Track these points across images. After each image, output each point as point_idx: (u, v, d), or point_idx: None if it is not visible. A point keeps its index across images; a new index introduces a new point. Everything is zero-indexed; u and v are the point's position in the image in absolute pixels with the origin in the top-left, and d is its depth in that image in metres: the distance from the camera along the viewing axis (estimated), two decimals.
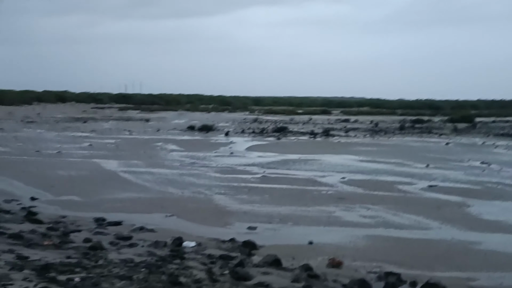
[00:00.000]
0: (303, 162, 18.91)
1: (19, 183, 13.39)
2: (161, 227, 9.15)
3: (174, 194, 12.39)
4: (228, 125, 40.97)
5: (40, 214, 9.83)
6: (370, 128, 40.56)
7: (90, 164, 17.08)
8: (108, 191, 12.57)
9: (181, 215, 10.21)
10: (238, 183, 14.08)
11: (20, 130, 31.02)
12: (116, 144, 23.94)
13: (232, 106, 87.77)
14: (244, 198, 12.06)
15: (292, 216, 10.32)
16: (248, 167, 17.32)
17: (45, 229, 8.63)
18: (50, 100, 77.18)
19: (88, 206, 10.89)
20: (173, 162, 18.13)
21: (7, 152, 19.80)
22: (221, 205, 11.28)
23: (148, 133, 31.27)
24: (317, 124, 43.88)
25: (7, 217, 9.34)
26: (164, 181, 14.11)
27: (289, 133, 33.40)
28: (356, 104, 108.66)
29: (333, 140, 29.26)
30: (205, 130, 33.43)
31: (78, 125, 37.10)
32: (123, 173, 15.43)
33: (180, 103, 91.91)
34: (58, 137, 27.24)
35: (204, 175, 15.41)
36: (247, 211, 10.71)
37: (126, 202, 11.39)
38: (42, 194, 11.90)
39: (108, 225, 9.21)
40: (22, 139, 25.08)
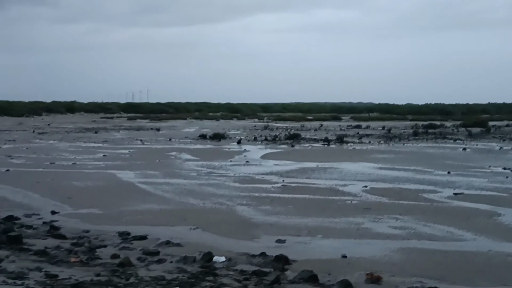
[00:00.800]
0: (321, 170, 18.59)
1: (36, 195, 13.17)
2: (187, 241, 8.87)
3: (195, 206, 12.11)
4: (239, 133, 40.75)
5: (62, 228, 9.59)
6: (383, 134, 40.20)
7: (106, 175, 16.85)
8: (128, 203, 12.31)
9: (205, 227, 9.92)
10: (259, 193, 13.78)
11: (32, 141, 30.90)
12: (130, 154, 23.73)
13: (240, 113, 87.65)
14: (267, 209, 11.76)
15: (320, 228, 10.00)
16: (266, 176, 17.03)
17: (69, 245, 8.39)
18: (59, 110, 77.36)
19: (109, 219, 10.63)
20: (189, 172, 17.86)
21: (21, 164, 19.62)
22: (245, 216, 10.98)
23: (160, 142, 31.07)
24: (329, 131, 43.58)
25: (30, 233, 9.11)
26: (184, 192, 13.84)
27: (302, 140, 33.10)
28: (365, 110, 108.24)
29: (347, 147, 28.92)
30: (217, 138, 33.19)
31: (89, 135, 36.98)
32: (141, 184, 15.18)
33: (188, 111, 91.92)
34: (71, 147, 27.08)
35: (223, 184, 15.13)
36: (273, 223, 10.40)
37: (148, 214, 11.12)
38: (61, 207, 11.66)
39: (133, 239, 8.94)
40: (35, 150, 24.92)
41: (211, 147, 28.46)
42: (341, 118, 75.20)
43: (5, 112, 65.58)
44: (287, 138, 33.78)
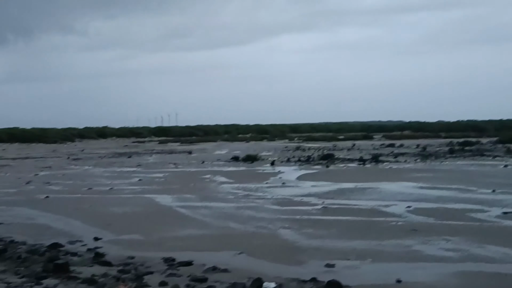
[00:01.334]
0: (360, 191, 18.22)
1: (77, 222, 13.15)
2: (233, 267, 8.65)
3: (236, 230, 11.91)
4: (271, 154, 40.53)
5: (107, 255, 9.48)
6: (418, 152, 39.47)
7: (144, 200, 16.80)
8: (168, 228, 12.17)
9: (250, 252, 9.69)
10: (300, 215, 13.51)
11: (67, 168, 31.26)
12: (164, 178, 23.73)
13: (270, 134, 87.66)
14: (311, 232, 11.48)
15: (369, 251, 9.68)
16: (304, 198, 16.75)
17: (116, 272, 8.25)
18: (91, 136, 78.61)
19: (152, 245, 10.49)
20: (226, 195, 17.70)
21: (60, 191, 19.76)
22: (289, 240, 10.73)
23: (193, 166, 31.07)
24: (362, 150, 43.04)
25: (75, 260, 9.02)
26: (223, 216, 13.66)
27: (336, 160, 32.71)
28: (396, 128, 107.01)
29: (383, 166, 28.42)
30: (249, 160, 33.04)
31: (123, 160, 37.27)
32: (179, 208, 15.07)
33: (218, 133, 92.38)
34: (106, 173, 27.26)
35: (261, 207, 14.91)
36: (319, 246, 10.12)
37: (190, 239, 10.96)
38: (102, 233, 11.58)
39: (179, 265, 8.76)
40: (71, 177, 25.15)
41: (244, 169, 28.30)
42: (372, 137, 74.39)
43: (39, 139, 66.92)
44: (320, 158, 33.43)
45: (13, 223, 13.04)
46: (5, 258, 9.07)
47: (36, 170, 29.22)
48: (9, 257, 9.19)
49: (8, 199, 17.51)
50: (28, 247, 10.13)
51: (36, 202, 16.78)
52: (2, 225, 12.82)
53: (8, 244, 10.45)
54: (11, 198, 17.87)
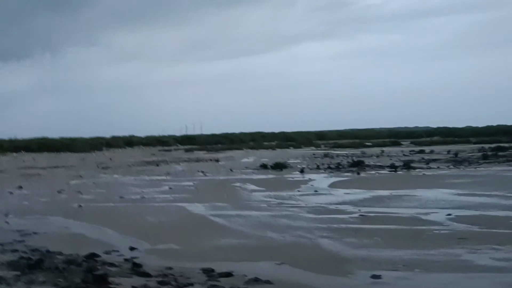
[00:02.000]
0: (397, 198, 17.74)
1: (111, 231, 12.98)
2: (276, 278, 8.31)
3: (275, 239, 11.58)
4: (299, 162, 40.15)
5: (144, 265, 9.24)
6: (450, 158, 38.68)
7: (176, 209, 16.59)
8: (204, 237, 11.90)
9: (292, 263, 9.35)
10: (338, 224, 13.13)
11: (98, 176, 31.32)
12: (195, 186, 23.53)
13: (296, 141, 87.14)
14: (353, 241, 11.08)
15: (417, 261, 9.25)
16: (340, 206, 16.35)
17: (156, 283, 8.00)
18: (119, 145, 79.09)
19: (189, 255, 10.22)
20: (259, 203, 17.39)
21: (92, 200, 19.69)
22: (331, 250, 10.36)
23: (222, 174, 30.85)
24: (392, 157, 42.37)
25: (114, 271, 8.79)
26: (259, 225, 13.34)
27: (366, 167, 32.15)
28: (424, 134, 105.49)
29: (416, 173, 27.81)
30: (278, 168, 32.69)
31: (151, 168, 37.27)
32: (213, 217, 14.81)
33: (243, 141, 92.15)
34: (136, 181, 27.20)
35: (297, 216, 14.56)
36: (364, 257, 9.72)
37: (228, 249, 10.67)
38: (138, 243, 11.36)
39: (219, 276, 8.47)
40: (102, 185, 25.14)
41: (274, 177, 27.97)
42: (400, 143, 73.50)
43: (68, 149, 67.56)
44: (350, 165, 32.92)
45: (48, 233, 12.92)
46: (43, 269, 8.88)
47: (67, 179, 29.32)
48: (47, 267, 9.00)
49: (41, 208, 17.47)
50: (65, 257, 9.94)
51: (69, 211, 16.70)
52: (37, 234, 12.71)
53: (44, 254, 10.29)
54: (44, 207, 17.83)
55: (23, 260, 9.73)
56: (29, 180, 29.37)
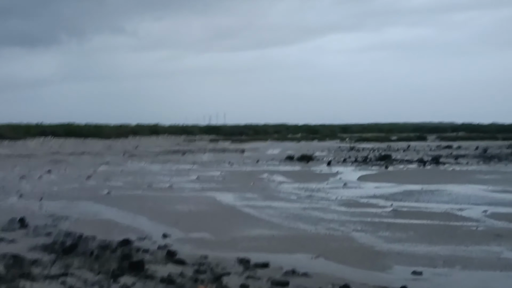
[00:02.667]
0: (428, 193, 17.45)
1: (143, 219, 12.99)
2: (313, 271, 8.19)
3: (308, 231, 11.45)
4: (325, 154, 39.90)
5: (179, 253, 9.20)
6: (479, 154, 38.03)
7: (206, 198, 16.55)
8: (237, 227, 11.84)
9: (328, 256, 9.23)
10: (371, 218, 12.94)
11: (125, 164, 31.54)
12: (222, 176, 23.51)
13: (320, 134, 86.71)
14: (387, 236, 10.91)
15: (456, 257, 9.05)
16: (371, 199, 16.13)
17: (192, 272, 7.94)
18: (144, 133, 79.62)
19: (223, 244, 10.17)
20: (289, 195, 17.27)
21: (120, 187, 19.79)
22: (366, 244, 10.20)
23: (248, 165, 30.79)
24: (419, 151, 41.85)
25: (148, 258, 8.76)
26: (290, 216, 13.23)
27: (394, 161, 31.78)
28: (449, 129, 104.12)
29: (445, 168, 27.38)
30: (305, 160, 32.51)
31: (178, 157, 37.40)
32: (243, 207, 14.74)
33: (267, 133, 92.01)
34: (163, 170, 27.31)
35: (328, 209, 14.40)
36: (400, 251, 9.55)
37: (261, 240, 10.58)
38: (171, 231, 11.34)
39: (255, 267, 8.39)
40: (130, 173, 25.28)
41: (301, 169, 27.81)
42: (426, 138, 72.50)
43: (94, 135, 68.26)
44: (378, 159, 32.57)
45: (80, 218, 13.00)
46: (78, 254, 8.91)
47: (95, 166, 29.59)
48: (82, 252, 9.03)
49: (71, 194, 17.62)
50: (98, 243, 9.96)
51: (99, 197, 16.81)
52: (69, 219, 12.80)
53: (78, 238, 10.34)
54: (73, 193, 17.98)
55: (58, 243, 9.78)
56: (57, 166, 29.72)
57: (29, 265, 8.13)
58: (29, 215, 13.06)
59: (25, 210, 14.16)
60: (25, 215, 12.82)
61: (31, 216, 12.95)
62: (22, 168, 28.08)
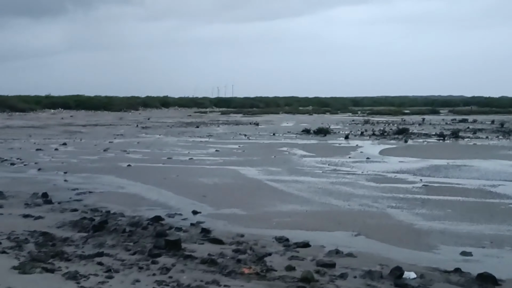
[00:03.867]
0: (455, 168, 17.01)
1: (169, 193, 12.66)
2: (357, 250, 7.83)
3: (341, 207, 11.08)
4: (340, 128, 39.42)
5: (213, 231, 8.87)
6: (496, 128, 37.39)
7: (229, 172, 16.21)
8: (268, 202, 11.48)
9: (368, 234, 8.85)
10: (403, 194, 12.54)
11: (139, 136, 31.23)
12: (242, 149, 23.13)
13: (331, 107, 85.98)
14: (424, 213, 10.52)
15: (503, 237, 8.65)
16: (398, 174, 15.72)
17: (231, 252, 7.60)
18: (155, 105, 79.29)
19: (257, 220, 9.82)
20: (313, 169, 16.88)
21: (140, 159, 19.48)
22: (404, 221, 9.81)
23: (264, 137, 30.40)
24: (435, 125, 41.26)
25: (183, 236, 8.43)
26: (319, 191, 12.86)
27: (412, 135, 31.27)
28: (462, 103, 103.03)
29: (466, 142, 26.85)
30: (321, 133, 32.06)
31: (192, 129, 37.05)
32: (269, 181, 14.37)
33: (278, 105, 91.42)
34: (180, 142, 26.98)
35: (357, 184, 14.01)
36: (442, 230, 9.16)
37: (295, 216, 10.22)
38: (200, 207, 11.01)
39: (296, 246, 8.04)
40: (147, 145, 24.96)
41: (319, 142, 27.39)
42: (439, 112, 71.70)
43: (105, 107, 68.02)
44: (395, 132, 32.05)
45: (104, 192, 12.70)
46: (109, 231, 8.58)
47: (110, 138, 29.32)
48: (113, 229, 8.70)
49: (92, 166, 17.34)
50: (128, 219, 9.65)
51: (120, 170, 16.51)
52: (93, 193, 12.51)
53: (106, 215, 10.03)
54: (94, 165, 17.70)
55: (86, 220, 9.47)
56: (72, 137, 29.47)
57: (60, 243, 7.81)
58: (51, 189, 12.79)
59: (46, 183, 13.91)
60: (47, 189, 12.55)
61: (54, 190, 12.68)
62: (36, 139, 27.85)
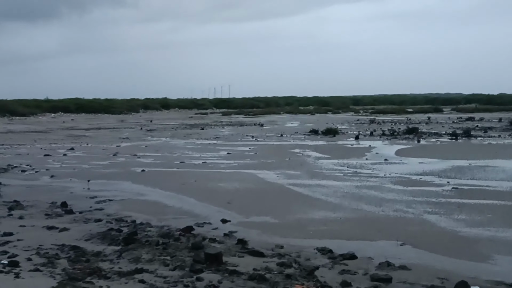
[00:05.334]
0: (480, 169, 16.55)
1: (191, 200, 12.17)
2: (409, 262, 7.34)
3: (375, 213, 10.60)
4: (346, 127, 38.97)
5: (249, 241, 8.38)
6: (506, 127, 36.98)
7: (248, 176, 15.71)
8: (296, 209, 11.00)
9: (414, 243, 8.37)
10: (435, 198, 12.07)
11: (145, 139, 30.73)
12: (253, 151, 22.64)
13: (332, 106, 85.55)
14: (464, 218, 10.05)
15: None
16: (424, 177, 15.24)
17: (276, 266, 7.11)
18: (155, 107, 78.74)
19: (291, 229, 9.32)
20: (333, 172, 16.40)
21: (152, 164, 18.97)
22: (447, 228, 9.34)
23: (272, 139, 29.92)
24: (443, 124, 40.84)
25: (220, 248, 7.93)
26: (347, 196, 12.38)
27: (423, 134, 30.83)
28: (463, 100, 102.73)
29: (480, 141, 26.42)
30: (330, 133, 31.60)
31: (197, 131, 36.54)
32: (292, 186, 13.88)
33: (278, 105, 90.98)
34: (188, 145, 26.48)
35: (383, 187, 13.53)
36: (490, 238, 8.69)
37: (330, 224, 9.74)
38: (228, 214, 10.51)
39: (342, 258, 7.56)
40: (156, 148, 24.46)
41: (329, 143, 26.91)
42: (442, 110, 71.37)
43: (106, 110, 67.44)
44: (405, 132, 31.61)
45: (125, 200, 12.20)
46: (142, 244, 8.08)
47: (116, 141, 28.80)
48: (145, 242, 8.20)
49: (105, 172, 16.83)
50: (157, 230, 9.15)
51: (134, 175, 16.01)
52: (113, 201, 12.00)
53: (134, 225, 9.53)
54: (107, 170, 17.20)
55: (114, 231, 8.98)
56: (77, 141, 28.95)
57: (94, 258, 7.32)
58: (69, 198, 12.28)
59: (62, 191, 13.41)
60: (65, 198, 12.06)
61: (72, 199, 12.18)
62: (42, 144, 27.33)
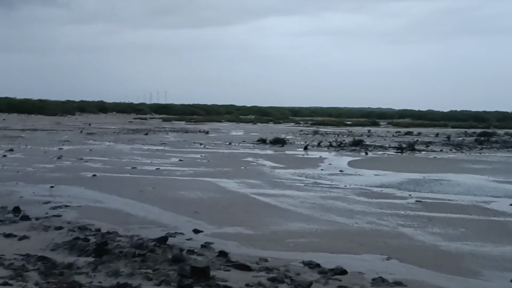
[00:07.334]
0: (436, 182, 16.78)
1: (154, 208, 11.52)
2: (402, 277, 7.08)
3: (350, 226, 10.37)
4: (292, 138, 39.05)
5: (230, 253, 7.90)
6: (444, 142, 38.24)
7: (208, 184, 15.16)
8: (268, 220, 10.60)
9: (399, 257, 8.15)
10: (403, 210, 12.01)
11: (87, 143, 29.45)
12: (206, 159, 22.07)
13: (272, 116, 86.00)
14: (439, 232, 9.98)
15: None
16: (384, 189, 15.23)
17: (267, 281, 6.68)
18: (91, 110, 76.31)
19: (270, 241, 8.91)
20: (293, 182, 16.13)
21: (102, 169, 18.04)
22: (427, 242, 9.21)
23: (221, 147, 29.44)
24: (385, 137, 41.72)
25: (202, 261, 7.40)
26: (316, 207, 12.11)
27: (368, 146, 31.29)
28: (397, 115, 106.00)
29: (425, 155, 27.05)
30: (279, 143, 31.48)
31: (141, 137, 35.47)
32: (256, 195, 13.48)
33: (219, 113, 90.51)
34: (135, 150, 25.55)
35: (348, 199, 13.38)
36: (471, 252, 8.62)
37: (308, 236, 9.40)
38: (197, 224, 9.96)
39: (333, 273, 7.22)
40: (102, 153, 23.40)
41: (280, 153, 26.74)
42: (379, 123, 73.25)
43: (39, 111, 64.62)
44: (352, 144, 31.97)
45: (82, 207, 11.37)
46: (117, 255, 7.42)
47: (56, 144, 27.43)
48: (120, 253, 7.55)
49: (53, 176, 15.80)
50: (129, 240, 8.49)
51: (86, 180, 15.12)
52: (70, 208, 11.16)
53: (102, 234, 8.81)
54: (55, 174, 16.17)
55: (80, 241, 8.24)
56: (14, 143, 27.36)
57: (68, 271, 6.61)
58: (20, 203, 11.33)
59: (9, 195, 12.42)
60: (15, 203, 11.13)
61: (23, 204, 11.23)
62: None
